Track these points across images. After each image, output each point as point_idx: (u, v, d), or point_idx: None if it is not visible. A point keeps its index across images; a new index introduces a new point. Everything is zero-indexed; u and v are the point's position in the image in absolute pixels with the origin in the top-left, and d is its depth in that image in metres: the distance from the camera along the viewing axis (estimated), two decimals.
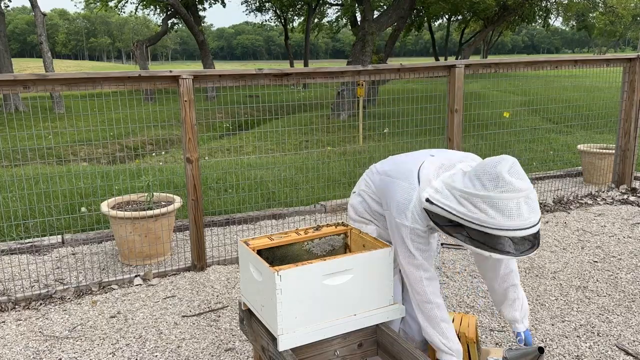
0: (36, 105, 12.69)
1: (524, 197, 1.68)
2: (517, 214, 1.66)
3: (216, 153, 8.61)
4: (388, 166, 2.14)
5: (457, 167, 1.90)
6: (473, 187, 1.71)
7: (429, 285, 1.99)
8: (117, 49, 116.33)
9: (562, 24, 35.76)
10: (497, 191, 1.66)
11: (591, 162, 5.95)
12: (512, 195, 1.66)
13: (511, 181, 1.66)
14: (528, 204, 1.68)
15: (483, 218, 1.67)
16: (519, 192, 1.67)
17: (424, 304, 2.00)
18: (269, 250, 2.12)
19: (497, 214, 1.66)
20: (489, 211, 1.66)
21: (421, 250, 1.96)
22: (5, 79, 3.25)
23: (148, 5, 22.79)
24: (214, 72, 3.72)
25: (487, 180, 1.68)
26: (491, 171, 1.69)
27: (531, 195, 1.70)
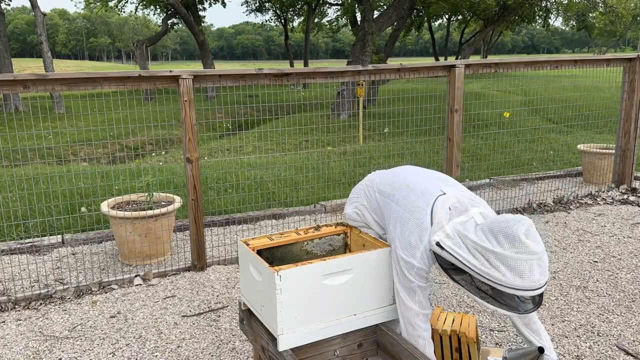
0: (36, 105, 12.69)
1: (537, 259, 1.69)
2: (529, 275, 1.67)
3: (216, 153, 8.61)
4: (393, 189, 2.09)
5: (470, 212, 1.88)
6: (488, 242, 1.71)
7: (424, 322, 2.01)
8: (117, 49, 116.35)
9: (562, 24, 35.77)
10: (512, 251, 1.68)
11: (591, 162, 5.95)
12: (527, 257, 1.68)
13: (527, 243, 1.68)
14: (540, 266, 1.70)
15: (494, 274, 1.69)
16: (533, 255, 1.68)
17: (416, 339, 2.01)
18: (269, 250, 2.12)
19: (509, 273, 1.67)
20: (502, 268, 1.68)
21: (422, 288, 1.97)
22: (5, 79, 3.25)
23: (148, 5, 22.79)
24: (214, 72, 3.72)
25: (503, 238, 1.69)
26: (508, 231, 1.70)
27: (543, 258, 1.71)
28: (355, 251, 2.13)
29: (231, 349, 2.81)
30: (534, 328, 2.09)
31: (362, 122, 8.54)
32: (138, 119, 5.11)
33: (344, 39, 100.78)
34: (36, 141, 6.48)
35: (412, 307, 1.98)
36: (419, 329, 2.00)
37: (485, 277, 1.71)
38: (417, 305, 1.99)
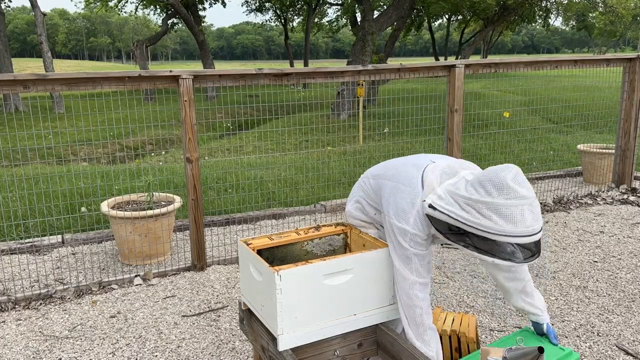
0: (36, 105, 12.69)
1: (528, 204, 1.69)
2: (521, 220, 1.67)
3: (216, 153, 8.61)
4: (385, 170, 2.12)
5: (460, 174, 1.89)
6: (477, 194, 1.71)
7: (422, 291, 1.97)
8: (117, 49, 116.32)
9: (562, 24, 35.75)
10: (501, 198, 1.68)
11: (591, 162, 5.95)
12: (517, 202, 1.67)
13: (516, 188, 1.68)
14: (532, 211, 1.69)
15: (487, 224, 1.68)
16: (523, 200, 1.68)
17: (413, 309, 1.98)
18: (269, 250, 2.12)
19: (501, 221, 1.67)
20: (493, 217, 1.67)
21: (419, 256, 1.95)
22: (5, 79, 3.25)
23: (148, 5, 22.80)
24: (214, 72, 3.72)
25: (491, 187, 1.70)
26: (495, 179, 1.70)
27: (534, 204, 1.71)
28: (355, 251, 2.13)
29: (231, 349, 2.81)
30: (529, 290, 2.12)
31: (362, 122, 8.54)
32: (138, 119, 5.11)
33: (344, 39, 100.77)
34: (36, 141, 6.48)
35: (407, 276, 1.95)
36: (415, 299, 1.96)
37: (480, 229, 1.70)
38: (414, 274, 1.95)
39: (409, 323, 1.99)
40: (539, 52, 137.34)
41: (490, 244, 1.71)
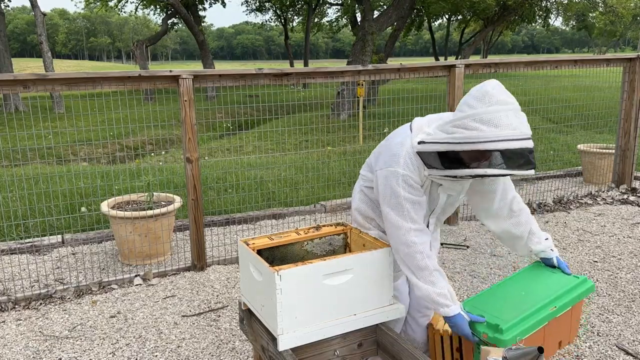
0: (36, 105, 12.69)
1: (512, 109, 1.70)
2: (507, 124, 1.67)
3: (216, 153, 8.61)
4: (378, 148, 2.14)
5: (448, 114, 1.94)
6: (462, 112, 1.74)
7: (419, 237, 1.91)
8: (117, 49, 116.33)
9: (562, 24, 35.76)
10: (484, 107, 1.69)
11: (591, 162, 5.95)
12: (500, 107, 1.68)
13: (496, 94, 1.70)
14: (518, 117, 1.70)
15: (474, 135, 1.68)
16: (506, 105, 1.69)
17: (413, 255, 1.90)
18: (269, 250, 2.12)
19: (486, 127, 1.67)
20: (479, 127, 1.68)
21: (411, 201, 1.91)
22: (5, 79, 3.25)
23: (148, 5, 22.80)
24: (214, 72, 3.72)
25: (474, 101, 1.72)
26: (476, 93, 1.73)
27: (520, 110, 1.72)
28: (355, 251, 2.13)
29: (231, 349, 2.81)
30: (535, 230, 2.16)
31: (362, 122, 8.54)
32: (138, 119, 5.11)
33: (344, 39, 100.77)
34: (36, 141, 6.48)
35: (401, 224, 1.91)
36: (414, 245, 1.90)
37: (468, 142, 1.69)
38: (408, 221, 1.90)
39: (413, 271, 1.92)
40: (539, 52, 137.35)
41: (481, 156, 1.70)
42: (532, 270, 2.23)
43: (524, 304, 1.97)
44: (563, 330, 2.06)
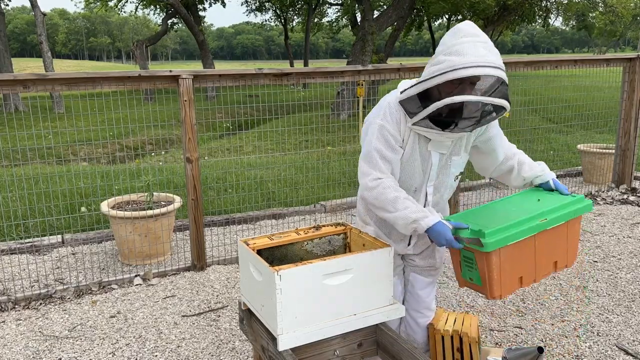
0: (36, 105, 12.68)
1: (481, 41, 1.75)
2: (473, 52, 1.72)
3: (216, 153, 8.60)
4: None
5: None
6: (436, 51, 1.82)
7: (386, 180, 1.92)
8: (117, 49, 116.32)
9: (562, 24, 35.74)
10: (455, 40, 1.76)
11: (591, 162, 5.95)
12: (468, 39, 1.74)
13: (467, 29, 1.77)
14: (486, 48, 1.74)
15: (443, 66, 1.73)
16: (475, 37, 1.75)
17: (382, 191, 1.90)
18: (269, 250, 2.12)
19: (455, 57, 1.73)
20: (448, 58, 1.73)
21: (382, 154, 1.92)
22: (5, 79, 3.25)
23: (148, 5, 22.78)
24: (213, 72, 3.72)
25: (447, 37, 1.80)
26: (450, 31, 1.81)
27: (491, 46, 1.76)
28: (355, 251, 2.13)
29: (231, 349, 2.81)
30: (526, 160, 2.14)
31: (362, 122, 8.51)
32: (138, 119, 5.11)
33: (344, 39, 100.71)
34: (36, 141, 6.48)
35: (368, 172, 1.93)
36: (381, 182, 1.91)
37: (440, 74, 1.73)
38: (376, 170, 1.92)
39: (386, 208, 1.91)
40: (539, 52, 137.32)
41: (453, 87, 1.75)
42: (526, 192, 2.13)
43: (511, 215, 1.89)
44: (558, 249, 1.97)
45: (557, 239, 1.94)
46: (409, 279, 2.31)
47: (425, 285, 2.31)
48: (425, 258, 2.26)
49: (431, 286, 2.33)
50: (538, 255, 1.90)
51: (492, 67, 1.71)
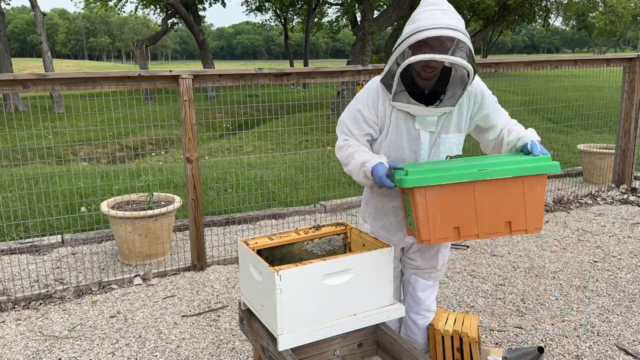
0: (36, 105, 12.68)
1: (439, 9, 1.85)
2: (430, 17, 1.83)
3: (216, 153, 8.60)
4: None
5: None
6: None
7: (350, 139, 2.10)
8: (117, 49, 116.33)
9: (562, 23, 35.73)
10: (417, 11, 1.90)
11: (591, 162, 5.95)
12: (428, 7, 1.87)
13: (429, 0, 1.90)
14: (444, 13, 1.84)
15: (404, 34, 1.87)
16: (434, 5, 1.86)
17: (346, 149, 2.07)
18: (269, 250, 2.12)
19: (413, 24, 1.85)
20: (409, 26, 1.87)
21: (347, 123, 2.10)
22: (5, 79, 3.24)
23: (148, 5, 22.78)
24: (213, 72, 3.72)
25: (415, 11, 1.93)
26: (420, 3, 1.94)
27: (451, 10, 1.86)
28: (355, 251, 2.13)
29: (231, 349, 2.81)
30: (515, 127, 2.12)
31: None
32: (138, 119, 5.10)
33: (344, 39, 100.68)
34: (36, 141, 6.48)
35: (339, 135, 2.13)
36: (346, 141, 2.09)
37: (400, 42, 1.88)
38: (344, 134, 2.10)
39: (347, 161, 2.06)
40: (539, 52, 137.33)
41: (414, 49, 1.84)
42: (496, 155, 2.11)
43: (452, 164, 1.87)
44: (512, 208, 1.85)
45: (507, 194, 1.84)
46: (410, 280, 2.30)
47: (426, 287, 2.29)
48: (428, 259, 2.24)
49: (432, 288, 2.31)
50: (480, 207, 1.83)
51: (447, 28, 1.79)
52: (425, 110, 1.97)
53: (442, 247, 2.26)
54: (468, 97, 2.04)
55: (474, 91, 2.05)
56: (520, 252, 4.08)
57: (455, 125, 2.06)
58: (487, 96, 2.08)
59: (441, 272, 2.32)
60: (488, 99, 2.08)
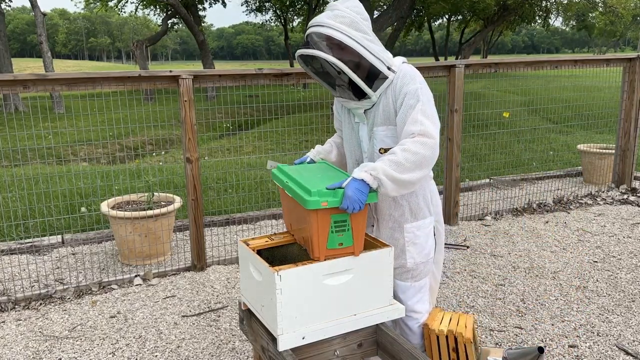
0: (36, 105, 12.68)
1: (329, 8, 2.03)
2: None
3: (216, 153, 8.60)
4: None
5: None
6: None
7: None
8: (117, 49, 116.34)
9: (562, 24, 35.74)
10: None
11: (591, 162, 5.95)
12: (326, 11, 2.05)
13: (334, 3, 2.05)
14: (328, 9, 2.02)
15: None
16: (331, 6, 2.04)
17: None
18: (269, 250, 2.12)
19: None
20: None
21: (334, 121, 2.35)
22: (5, 79, 3.25)
23: (148, 5, 22.78)
24: (214, 72, 3.72)
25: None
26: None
27: (338, 8, 2.00)
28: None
29: (231, 349, 2.81)
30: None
31: None
32: (138, 119, 5.11)
33: None
34: (36, 141, 6.48)
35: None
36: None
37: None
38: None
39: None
40: (539, 52, 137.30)
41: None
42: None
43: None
44: (304, 227, 1.89)
45: (298, 210, 1.90)
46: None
47: (405, 289, 2.23)
48: (395, 258, 2.16)
49: (412, 289, 2.24)
50: (292, 212, 2.04)
51: (312, 25, 1.99)
52: (351, 103, 2.12)
53: (408, 244, 2.17)
54: (392, 85, 2.05)
55: (399, 85, 2.02)
56: (520, 252, 4.09)
57: (383, 117, 2.08)
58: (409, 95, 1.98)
59: (419, 271, 2.21)
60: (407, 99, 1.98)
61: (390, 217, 2.18)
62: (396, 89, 2.03)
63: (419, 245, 2.20)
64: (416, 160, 1.87)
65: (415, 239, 2.18)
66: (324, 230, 1.83)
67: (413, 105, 1.96)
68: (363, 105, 2.10)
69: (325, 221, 1.82)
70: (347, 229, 1.86)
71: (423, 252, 2.21)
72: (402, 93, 2.01)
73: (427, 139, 1.90)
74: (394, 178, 1.85)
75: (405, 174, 1.86)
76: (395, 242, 2.18)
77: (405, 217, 2.17)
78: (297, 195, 1.83)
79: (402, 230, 2.18)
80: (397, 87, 2.03)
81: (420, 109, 1.95)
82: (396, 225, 2.18)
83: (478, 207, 5.14)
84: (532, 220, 4.84)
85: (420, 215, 2.18)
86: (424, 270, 2.25)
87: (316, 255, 1.86)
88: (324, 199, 1.77)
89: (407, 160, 1.86)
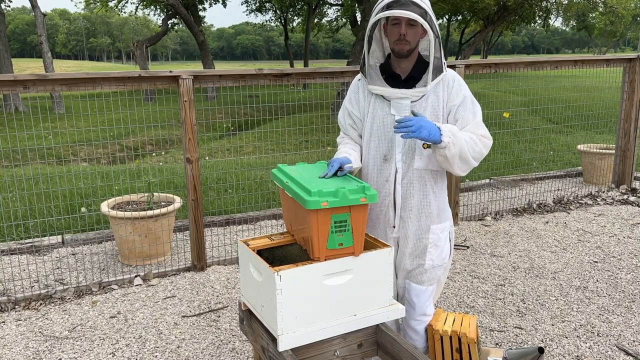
0: (36, 105, 12.68)
1: None
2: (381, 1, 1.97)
3: (216, 153, 8.60)
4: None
5: None
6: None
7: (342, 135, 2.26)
8: (117, 49, 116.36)
9: (562, 24, 35.74)
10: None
11: (591, 162, 5.95)
12: None
13: None
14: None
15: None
16: None
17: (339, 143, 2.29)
18: (269, 251, 2.12)
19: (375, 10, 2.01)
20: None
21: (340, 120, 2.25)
22: (5, 79, 3.25)
23: (148, 5, 22.79)
24: (214, 72, 3.72)
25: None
26: None
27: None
28: None
29: (231, 349, 2.81)
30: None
31: None
32: (138, 119, 5.11)
33: (344, 39, 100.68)
34: (36, 141, 6.48)
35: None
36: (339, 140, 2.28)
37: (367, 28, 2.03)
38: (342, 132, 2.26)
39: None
40: (539, 52, 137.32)
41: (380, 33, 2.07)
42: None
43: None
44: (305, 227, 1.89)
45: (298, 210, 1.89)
46: (404, 285, 2.26)
47: (420, 292, 2.22)
48: (414, 258, 2.17)
49: (426, 293, 2.23)
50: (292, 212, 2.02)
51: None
52: (398, 93, 2.02)
53: (431, 246, 2.16)
54: (443, 83, 2.04)
55: (448, 77, 2.05)
56: (520, 252, 4.09)
57: (431, 113, 2.04)
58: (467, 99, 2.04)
59: (435, 274, 2.21)
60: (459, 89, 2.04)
61: (420, 215, 2.13)
62: (451, 89, 2.04)
63: (439, 248, 2.19)
64: (480, 152, 2.02)
65: (437, 241, 2.18)
66: (324, 231, 1.83)
67: (476, 113, 2.07)
68: (413, 94, 2.02)
69: (325, 221, 1.82)
70: (347, 229, 1.86)
71: (441, 256, 2.20)
72: (460, 94, 2.05)
73: (489, 143, 2.07)
74: (462, 150, 1.95)
75: (470, 155, 1.98)
76: (418, 242, 2.16)
77: (433, 218, 2.15)
78: (297, 195, 1.83)
79: (429, 231, 2.15)
80: (451, 87, 2.05)
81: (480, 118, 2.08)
82: (424, 225, 2.14)
83: (478, 208, 5.14)
84: (532, 220, 4.84)
85: (444, 217, 2.18)
86: (437, 275, 2.23)
87: (316, 255, 1.86)
88: (324, 199, 1.77)
89: (478, 146, 2.00)
